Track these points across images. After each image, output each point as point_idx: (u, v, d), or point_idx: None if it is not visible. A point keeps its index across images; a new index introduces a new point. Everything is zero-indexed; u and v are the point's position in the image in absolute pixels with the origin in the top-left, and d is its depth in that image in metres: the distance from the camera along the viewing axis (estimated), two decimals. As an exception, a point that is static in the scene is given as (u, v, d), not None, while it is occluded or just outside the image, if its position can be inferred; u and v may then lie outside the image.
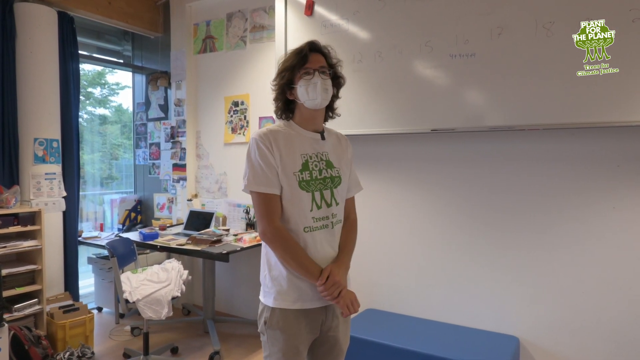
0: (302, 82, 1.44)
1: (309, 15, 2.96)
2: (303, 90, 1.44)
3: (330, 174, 1.49)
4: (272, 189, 1.42)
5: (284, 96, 1.49)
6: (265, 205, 1.42)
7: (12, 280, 2.93)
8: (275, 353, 1.45)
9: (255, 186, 1.42)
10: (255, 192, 1.43)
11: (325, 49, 1.52)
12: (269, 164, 1.42)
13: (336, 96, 1.56)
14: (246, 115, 3.64)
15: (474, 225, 2.63)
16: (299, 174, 1.43)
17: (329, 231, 1.47)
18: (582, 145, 2.32)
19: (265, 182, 1.41)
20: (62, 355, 2.81)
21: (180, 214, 4.01)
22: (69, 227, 3.49)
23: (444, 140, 2.70)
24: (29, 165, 3.20)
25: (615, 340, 2.26)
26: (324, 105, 1.48)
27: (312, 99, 1.44)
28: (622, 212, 2.24)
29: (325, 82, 1.45)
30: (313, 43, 1.48)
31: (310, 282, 1.41)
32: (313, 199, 1.45)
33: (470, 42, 2.43)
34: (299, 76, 1.45)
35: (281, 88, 1.48)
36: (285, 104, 1.51)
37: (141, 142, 4.41)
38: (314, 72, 1.44)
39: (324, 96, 1.45)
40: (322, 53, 1.50)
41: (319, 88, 1.43)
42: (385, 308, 2.94)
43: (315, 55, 1.47)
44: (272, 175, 1.42)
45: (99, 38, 4.24)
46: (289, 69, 1.46)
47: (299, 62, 1.45)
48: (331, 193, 1.48)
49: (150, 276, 2.82)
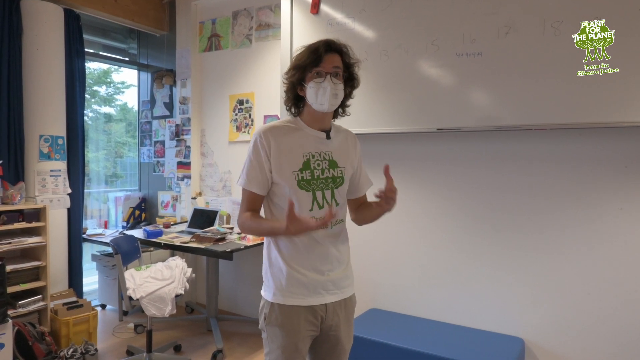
0: (312, 84, 1.41)
1: (315, 13, 2.95)
2: (312, 92, 1.41)
3: (332, 174, 1.47)
4: (257, 189, 1.45)
5: (294, 91, 1.47)
6: (247, 202, 1.47)
7: (16, 276, 2.94)
8: (274, 350, 1.44)
9: (245, 183, 1.46)
10: (243, 189, 1.47)
11: (344, 47, 1.46)
12: (261, 166, 1.43)
13: (348, 96, 1.53)
14: (251, 113, 3.64)
15: (479, 225, 2.61)
16: (298, 173, 1.42)
17: (329, 231, 1.46)
18: (590, 146, 2.30)
19: (254, 182, 1.44)
20: (66, 351, 2.81)
21: (184, 211, 4.01)
22: (73, 224, 3.50)
23: (449, 140, 2.69)
24: (34, 161, 3.21)
25: (621, 341, 2.24)
26: (331, 110, 1.45)
27: (320, 103, 1.41)
28: (629, 213, 2.22)
29: (336, 87, 1.40)
30: (329, 43, 1.43)
31: (284, 234, 1.39)
32: (314, 199, 1.43)
33: (477, 41, 2.41)
34: (310, 76, 1.42)
35: (292, 84, 1.46)
36: (295, 98, 1.49)
37: (146, 140, 4.42)
38: (325, 76, 1.40)
39: (333, 102, 1.41)
40: (338, 52, 1.45)
41: (328, 94, 1.39)
42: (388, 308, 2.93)
43: (330, 55, 1.42)
44: (260, 177, 1.44)
45: (104, 36, 4.25)
46: (300, 67, 1.43)
47: (311, 62, 1.41)
48: (332, 193, 1.46)
49: (154, 274, 2.82)
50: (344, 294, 1.52)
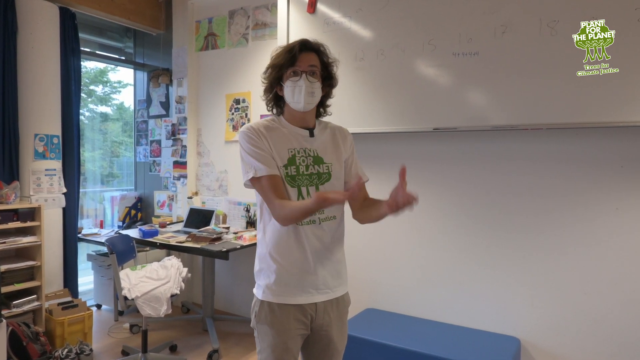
0: (289, 83, 1.41)
1: (312, 12, 2.94)
2: (289, 91, 1.42)
3: (317, 170, 1.46)
4: (273, 170, 1.39)
5: (273, 91, 1.48)
6: (272, 190, 1.38)
7: (11, 276, 2.92)
8: (265, 349, 1.44)
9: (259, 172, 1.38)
10: (257, 178, 1.39)
11: (320, 47, 1.46)
12: (263, 148, 1.40)
13: (327, 96, 1.53)
14: (247, 113, 3.63)
15: (475, 224, 2.61)
16: (283, 169, 1.42)
17: (316, 226, 1.44)
18: (586, 146, 2.30)
19: (267, 164, 1.38)
20: (61, 352, 2.79)
21: (180, 211, 4.00)
22: (68, 223, 3.48)
23: (446, 139, 2.69)
24: (29, 161, 3.19)
25: (617, 341, 2.24)
26: (308, 109, 1.44)
27: (297, 102, 1.41)
28: (625, 213, 2.22)
29: (311, 85, 1.41)
30: (304, 42, 1.43)
31: (321, 207, 1.29)
32: (299, 194, 1.42)
33: (474, 41, 2.41)
34: (286, 75, 1.42)
35: (270, 84, 1.47)
36: (276, 98, 1.49)
37: (142, 140, 4.40)
38: (301, 74, 1.40)
39: (309, 100, 1.41)
40: (314, 51, 1.45)
41: (304, 92, 1.39)
42: (386, 308, 2.92)
43: (306, 55, 1.42)
44: (269, 158, 1.40)
45: (100, 35, 4.24)
46: (276, 67, 1.43)
47: (287, 62, 1.41)
48: (316, 189, 1.45)
49: (150, 273, 2.81)
50: (335, 293, 1.50)
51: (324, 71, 1.47)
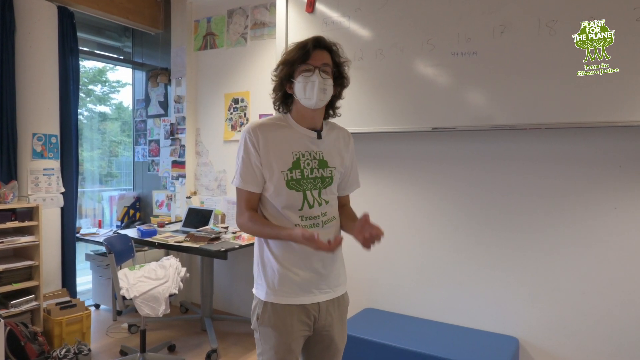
0: (300, 79, 1.39)
1: (310, 12, 2.94)
2: (301, 87, 1.39)
3: (321, 174, 1.45)
4: (253, 187, 1.43)
5: (282, 89, 1.45)
6: (244, 201, 1.45)
7: (8, 276, 2.92)
8: (267, 351, 1.43)
9: (235, 182, 1.45)
10: (238, 188, 1.45)
11: (334, 46, 1.45)
12: (253, 164, 1.41)
13: (338, 96, 1.51)
14: (246, 112, 3.63)
15: (474, 224, 2.61)
16: (287, 173, 1.40)
17: (319, 230, 1.44)
18: (584, 146, 2.30)
19: (249, 180, 1.43)
20: (59, 351, 2.79)
21: (179, 211, 4.00)
22: (66, 223, 3.47)
23: (444, 139, 2.68)
24: (27, 160, 3.18)
25: (616, 341, 2.24)
26: (319, 106, 1.42)
27: (308, 98, 1.39)
28: (623, 213, 2.22)
29: (324, 81, 1.39)
30: (318, 39, 1.42)
31: (293, 240, 1.35)
32: (305, 198, 1.42)
33: (473, 41, 2.41)
34: (298, 71, 1.40)
35: (280, 80, 1.45)
36: (284, 96, 1.47)
37: (140, 139, 4.39)
38: (314, 70, 1.38)
39: (321, 96, 1.39)
40: (328, 50, 1.43)
41: (316, 87, 1.37)
42: (384, 307, 2.92)
43: (319, 52, 1.41)
44: (255, 174, 1.42)
45: (99, 34, 4.23)
46: (289, 63, 1.41)
47: (300, 58, 1.39)
48: (319, 193, 1.45)
49: (148, 273, 2.80)
50: (337, 292, 1.51)
51: (335, 71, 1.46)
